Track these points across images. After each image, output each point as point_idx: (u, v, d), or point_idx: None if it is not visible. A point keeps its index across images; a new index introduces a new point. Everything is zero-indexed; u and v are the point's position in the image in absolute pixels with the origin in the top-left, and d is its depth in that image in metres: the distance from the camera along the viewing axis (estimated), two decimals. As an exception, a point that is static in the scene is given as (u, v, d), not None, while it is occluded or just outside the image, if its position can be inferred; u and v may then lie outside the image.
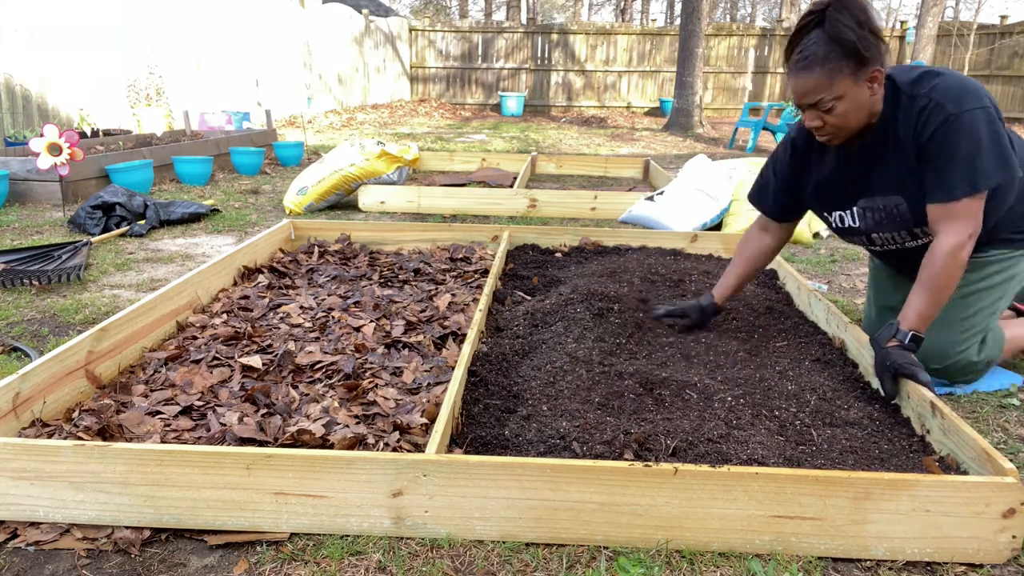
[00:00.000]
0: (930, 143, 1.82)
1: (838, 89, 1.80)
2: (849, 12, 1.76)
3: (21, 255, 3.28)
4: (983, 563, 1.39)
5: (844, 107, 1.83)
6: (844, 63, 1.77)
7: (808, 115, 1.89)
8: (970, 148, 1.77)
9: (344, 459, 1.40)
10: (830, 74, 1.78)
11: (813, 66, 1.78)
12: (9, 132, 6.30)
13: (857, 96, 1.82)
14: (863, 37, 1.75)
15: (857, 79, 1.80)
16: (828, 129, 1.89)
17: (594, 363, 2.06)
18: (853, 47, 1.75)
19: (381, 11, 19.09)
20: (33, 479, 1.43)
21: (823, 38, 1.77)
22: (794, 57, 1.83)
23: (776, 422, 1.79)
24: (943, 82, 1.83)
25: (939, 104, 1.80)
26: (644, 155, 8.85)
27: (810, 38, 1.80)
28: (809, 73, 1.80)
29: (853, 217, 2.08)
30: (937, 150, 1.81)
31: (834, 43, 1.76)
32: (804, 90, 1.83)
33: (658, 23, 27.48)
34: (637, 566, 1.35)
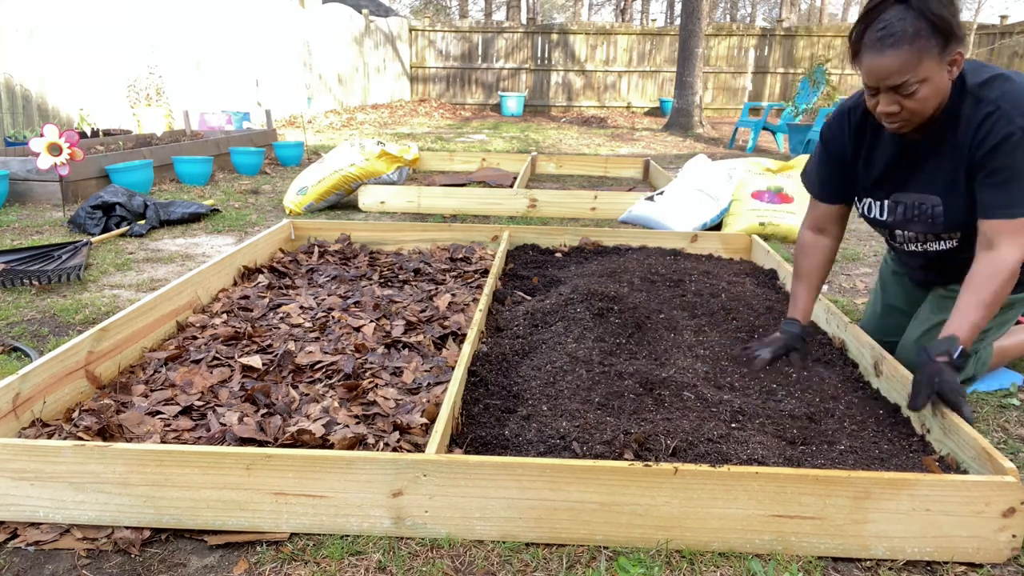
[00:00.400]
0: (992, 155, 1.72)
1: (924, 70, 1.66)
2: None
3: (21, 255, 3.28)
4: (983, 562, 1.39)
5: (926, 91, 1.69)
6: (933, 41, 1.63)
7: (884, 99, 1.73)
8: None
9: (344, 459, 1.40)
10: (919, 53, 1.63)
11: (901, 43, 1.62)
12: (9, 132, 6.30)
13: (939, 80, 1.69)
14: (955, 14, 1.63)
15: (942, 60, 1.67)
16: (904, 115, 1.74)
17: (594, 363, 2.06)
18: (945, 24, 1.61)
19: (381, 11, 19.09)
20: (33, 479, 1.43)
21: (910, 13, 1.62)
22: (874, 34, 1.66)
23: (776, 422, 1.79)
24: (1014, 90, 1.73)
25: (1007, 115, 1.70)
26: (644, 155, 8.85)
27: (893, 13, 1.64)
28: (896, 51, 1.63)
29: (882, 209, 2.00)
30: (1001, 163, 1.71)
31: (925, 19, 1.61)
32: (888, 70, 1.66)
33: (658, 23, 27.48)
34: (637, 566, 1.35)
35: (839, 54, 15.07)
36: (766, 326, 2.42)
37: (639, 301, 2.53)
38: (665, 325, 2.39)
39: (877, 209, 2.01)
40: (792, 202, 4.17)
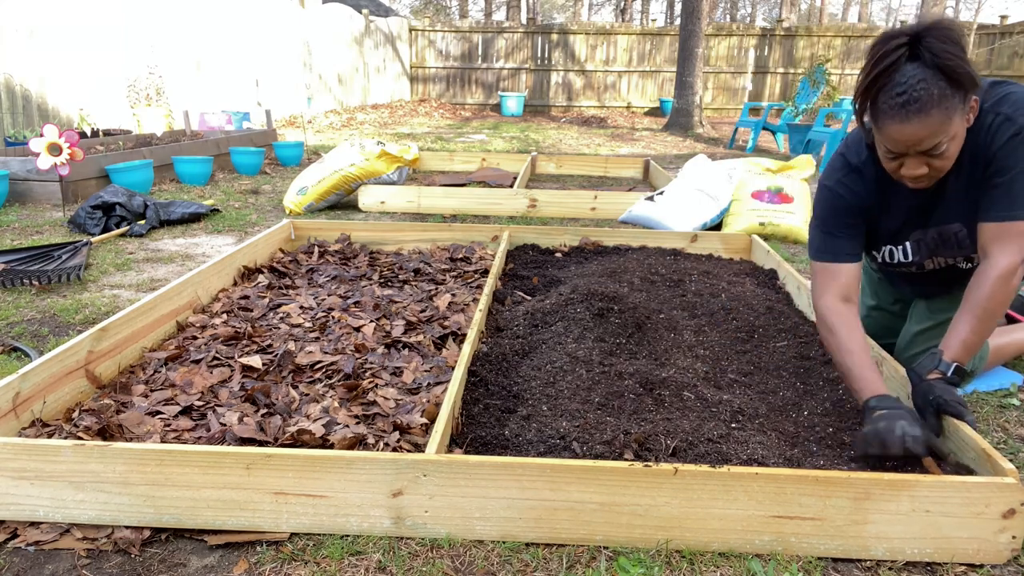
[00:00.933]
0: (998, 156, 1.65)
1: (953, 129, 1.56)
2: (950, 39, 1.51)
3: (21, 255, 3.28)
4: (983, 563, 1.39)
5: (955, 147, 1.60)
6: (957, 98, 1.53)
7: (913, 163, 1.62)
8: None
9: (344, 459, 1.40)
10: (948, 114, 1.53)
11: (929, 108, 1.51)
12: (9, 132, 6.30)
13: (962, 133, 1.61)
14: (967, 59, 1.52)
15: (963, 114, 1.58)
16: (931, 175, 1.65)
17: (594, 363, 2.06)
18: (968, 78, 1.52)
19: (381, 11, 19.09)
20: (33, 479, 1.43)
21: (929, 72, 1.50)
22: (893, 99, 1.53)
23: (776, 422, 1.79)
24: (1013, 92, 1.67)
25: (1009, 116, 1.64)
26: (644, 155, 8.85)
27: (909, 74, 1.52)
28: (924, 116, 1.52)
29: (905, 251, 1.92)
30: (1004, 165, 1.64)
31: (942, 76, 1.50)
32: (918, 137, 1.55)
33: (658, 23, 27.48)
34: (637, 566, 1.35)
35: (839, 54, 15.08)
36: (766, 326, 2.42)
37: (639, 301, 2.53)
38: (665, 325, 2.39)
39: (900, 253, 1.94)
40: (792, 202, 4.17)
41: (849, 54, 15.11)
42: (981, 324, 1.65)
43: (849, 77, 15.11)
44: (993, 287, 1.63)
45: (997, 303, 1.64)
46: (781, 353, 2.23)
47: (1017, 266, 1.63)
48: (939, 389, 1.64)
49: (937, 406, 1.64)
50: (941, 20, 1.55)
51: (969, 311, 1.67)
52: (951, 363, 1.66)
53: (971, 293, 1.68)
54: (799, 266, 3.60)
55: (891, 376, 1.95)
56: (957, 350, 1.67)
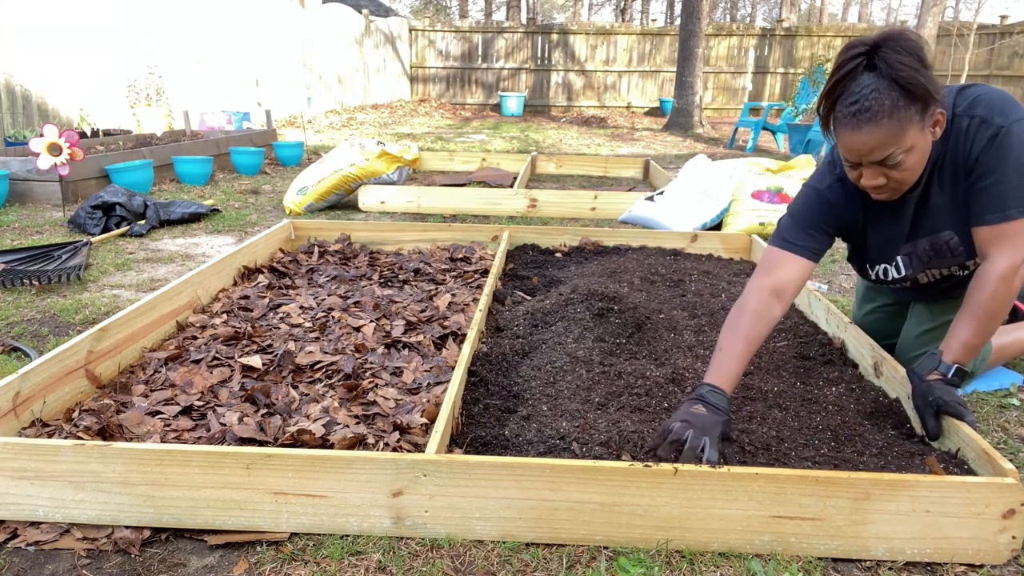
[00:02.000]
0: (980, 159, 1.63)
1: (908, 140, 1.55)
2: (907, 50, 1.50)
3: (21, 255, 3.28)
4: (983, 563, 1.39)
5: (913, 159, 1.59)
6: (913, 109, 1.52)
7: (869, 172, 1.63)
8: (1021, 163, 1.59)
9: (344, 459, 1.40)
10: (900, 125, 1.53)
11: (880, 117, 1.51)
12: (9, 132, 6.30)
13: (924, 145, 1.60)
14: (930, 78, 1.52)
15: (923, 126, 1.57)
16: (891, 186, 1.65)
17: (594, 363, 2.06)
18: (923, 90, 1.51)
19: (381, 11, 19.09)
20: (33, 479, 1.43)
21: (883, 83, 1.51)
22: (847, 108, 1.55)
23: (775, 422, 1.79)
24: (982, 94, 1.66)
25: (984, 119, 1.63)
26: (644, 155, 8.85)
27: (863, 83, 1.52)
28: (875, 126, 1.52)
29: (898, 267, 1.90)
30: (988, 167, 1.63)
31: (899, 87, 1.50)
32: (869, 146, 1.56)
33: (658, 23, 27.48)
34: (637, 566, 1.35)
35: (839, 54, 15.05)
36: (766, 326, 2.41)
37: (639, 301, 2.53)
38: (665, 325, 2.39)
39: (894, 270, 1.91)
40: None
41: (849, 54, 15.07)
42: (982, 326, 1.64)
43: (849, 77, 15.07)
44: (995, 288, 1.62)
45: (999, 304, 1.62)
46: (781, 353, 2.23)
47: (1018, 266, 1.61)
48: (939, 390, 1.64)
49: (937, 407, 1.64)
50: (902, 31, 1.55)
51: (970, 313, 1.65)
52: (951, 364, 1.66)
53: (972, 294, 1.66)
54: (799, 266, 3.59)
55: (891, 376, 1.95)
56: (958, 352, 1.66)
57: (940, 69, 14.00)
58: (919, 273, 1.89)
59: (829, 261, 3.72)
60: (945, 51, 13.94)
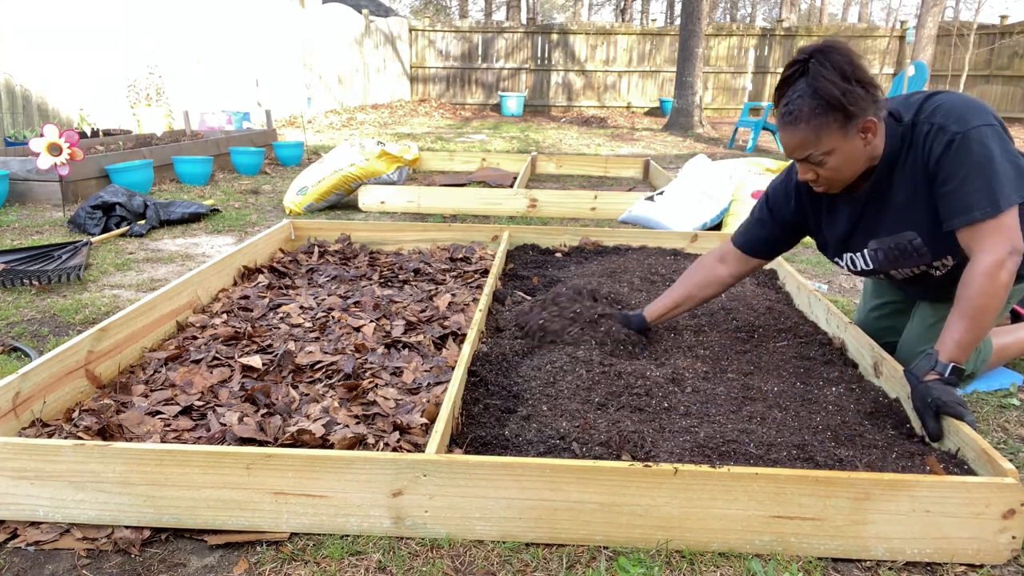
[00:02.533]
0: (939, 166, 1.72)
1: (826, 144, 1.72)
2: (832, 65, 1.66)
3: (21, 255, 3.28)
4: (983, 563, 1.39)
5: (836, 161, 1.75)
6: (831, 118, 1.68)
7: (801, 168, 1.82)
8: (984, 166, 1.66)
9: (344, 459, 1.40)
10: (816, 130, 1.70)
11: (798, 122, 1.70)
12: (9, 132, 6.30)
13: (849, 149, 1.74)
14: (848, 91, 1.65)
15: (847, 132, 1.71)
16: (822, 182, 1.82)
17: (594, 363, 2.06)
18: (838, 102, 1.66)
19: (381, 11, 19.09)
20: (33, 479, 1.43)
21: (808, 91, 1.68)
22: (780, 110, 1.74)
23: (775, 422, 1.79)
24: (944, 102, 1.75)
25: (942, 126, 1.71)
26: (644, 155, 8.85)
27: (795, 90, 1.71)
28: (794, 128, 1.72)
29: (865, 259, 1.99)
30: (949, 173, 1.70)
31: (819, 97, 1.67)
32: (791, 146, 1.76)
33: (658, 23, 27.48)
34: (637, 566, 1.35)
35: (839, 54, 15.05)
36: (766, 326, 2.42)
37: (639, 301, 2.53)
38: (665, 325, 2.39)
39: (860, 261, 2.00)
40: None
41: (849, 54, 15.07)
42: (973, 322, 1.67)
43: (849, 77, 15.07)
44: (981, 284, 1.66)
45: (987, 299, 1.66)
46: (781, 353, 2.23)
47: (1002, 260, 1.65)
48: (937, 390, 1.66)
49: (936, 408, 1.64)
50: (834, 46, 1.68)
51: (960, 311, 1.69)
52: (947, 363, 1.68)
53: (960, 292, 1.71)
54: (799, 266, 3.60)
55: (891, 376, 1.95)
56: (952, 350, 1.69)
57: (940, 69, 14.00)
58: (889, 269, 1.97)
59: (829, 261, 3.72)
60: (945, 51, 13.94)
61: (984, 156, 1.66)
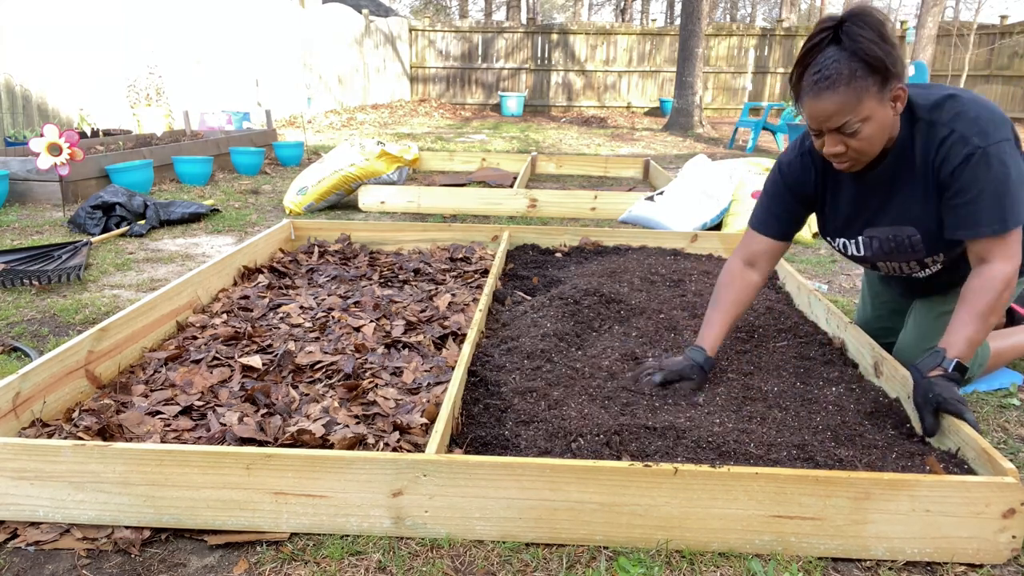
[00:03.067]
0: (954, 177, 1.70)
1: (865, 110, 1.63)
2: (869, 25, 1.60)
3: (21, 255, 3.28)
4: (983, 563, 1.39)
5: (870, 129, 1.66)
6: (871, 80, 1.61)
7: (829, 140, 1.71)
8: (999, 185, 1.65)
9: (344, 459, 1.40)
10: (857, 93, 1.61)
11: (837, 85, 1.60)
12: (9, 132, 6.30)
13: (883, 117, 1.67)
14: (889, 52, 1.60)
15: (883, 98, 1.64)
16: (851, 155, 1.72)
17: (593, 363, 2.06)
18: (881, 63, 1.59)
19: (381, 11, 19.09)
20: (33, 479, 1.43)
21: (844, 55, 1.60)
22: (811, 77, 1.64)
23: (775, 422, 1.79)
24: (966, 110, 1.70)
25: (963, 136, 1.68)
26: (644, 155, 8.85)
27: (827, 55, 1.62)
28: (832, 93, 1.61)
29: (858, 246, 1.96)
30: (963, 186, 1.69)
31: (858, 59, 1.59)
32: (827, 112, 1.64)
33: (658, 23, 27.47)
34: (637, 566, 1.35)
35: (839, 54, 15.05)
36: (766, 326, 2.42)
37: (639, 301, 2.53)
38: (665, 325, 2.39)
39: (853, 247, 1.98)
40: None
41: (849, 54, 15.08)
42: (984, 323, 1.69)
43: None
44: (997, 289, 1.68)
45: (1002, 304, 1.69)
46: (781, 353, 2.23)
47: (1013, 271, 1.69)
48: (940, 387, 1.65)
49: (936, 404, 1.65)
50: (867, 8, 1.63)
51: (974, 310, 1.69)
52: (953, 359, 1.68)
53: (974, 293, 1.70)
54: (799, 266, 3.60)
55: (891, 376, 1.96)
56: (961, 347, 1.68)
57: (940, 69, 14.00)
58: (879, 261, 1.96)
59: (829, 261, 3.72)
60: (945, 51, 13.94)
61: (1002, 174, 1.65)
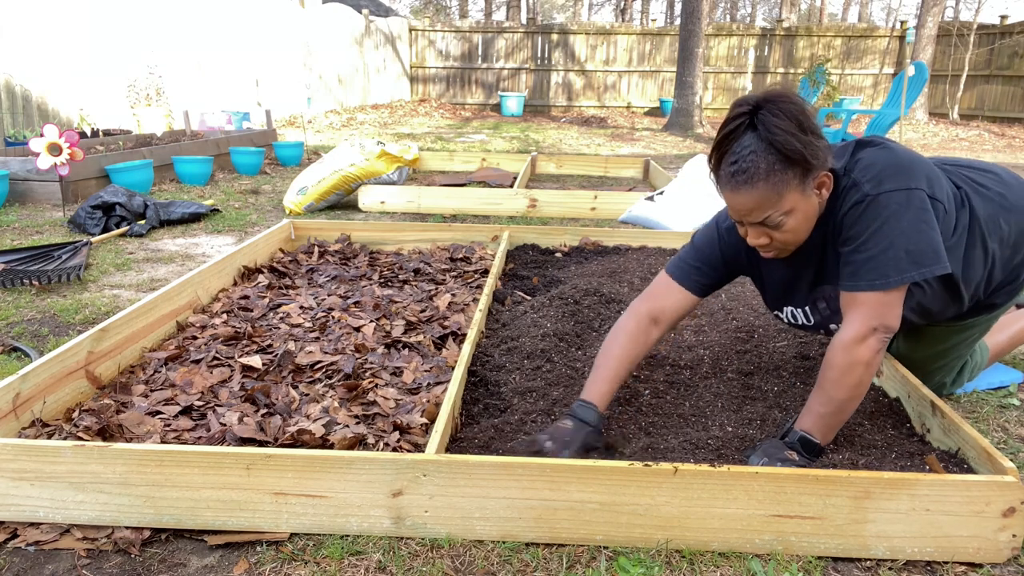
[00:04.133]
0: (843, 223, 1.57)
1: (787, 203, 1.51)
2: (786, 114, 1.47)
3: (21, 255, 3.28)
4: (983, 562, 1.39)
5: (795, 221, 1.54)
6: (790, 173, 1.49)
7: (752, 232, 1.59)
8: (882, 237, 1.51)
9: (344, 459, 1.40)
10: (776, 188, 1.49)
11: (755, 180, 1.48)
12: (9, 132, 6.30)
13: (807, 207, 1.54)
14: (808, 143, 1.47)
15: (805, 188, 1.52)
16: (776, 245, 1.60)
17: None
18: (799, 155, 1.47)
19: (381, 11, 19.09)
20: (33, 480, 1.43)
21: (761, 146, 1.48)
22: (727, 167, 1.52)
23: (775, 422, 1.79)
24: (869, 157, 1.58)
25: (856, 183, 1.55)
26: (644, 155, 8.85)
27: (744, 144, 1.50)
28: (751, 188, 1.49)
29: (806, 315, 1.80)
30: (849, 234, 1.56)
31: (775, 151, 1.47)
32: (747, 207, 1.53)
33: (658, 23, 27.48)
34: (637, 566, 1.35)
35: (839, 54, 15.09)
36: (766, 326, 2.42)
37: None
38: (665, 325, 2.39)
39: (802, 316, 1.82)
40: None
41: (849, 54, 15.11)
42: (826, 395, 1.56)
43: (849, 77, 15.11)
44: (836, 358, 1.54)
45: (841, 373, 1.53)
46: (781, 353, 2.23)
47: (863, 335, 1.51)
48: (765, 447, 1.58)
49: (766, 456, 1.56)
50: (783, 93, 1.50)
51: (818, 382, 1.58)
52: (798, 432, 1.58)
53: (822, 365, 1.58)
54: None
55: (891, 376, 1.96)
56: (805, 421, 1.58)
57: (940, 69, 14.00)
58: (831, 323, 1.78)
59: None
60: (945, 51, 13.94)
61: (888, 224, 1.51)
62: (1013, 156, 9.26)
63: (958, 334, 1.90)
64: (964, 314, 1.82)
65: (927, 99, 13.62)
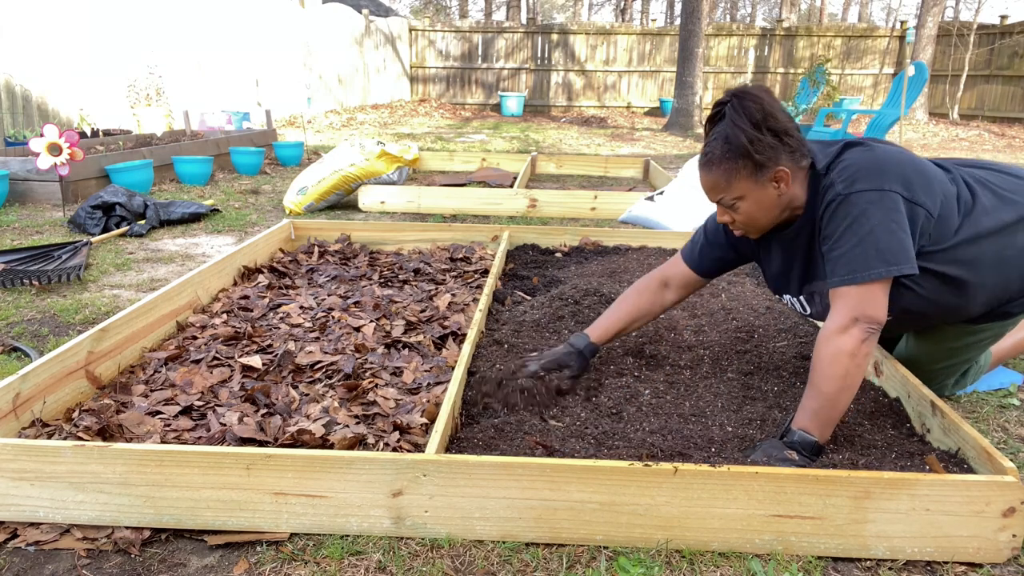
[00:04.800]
0: (821, 222, 1.66)
1: (736, 190, 1.67)
2: (745, 112, 1.62)
3: (21, 255, 3.28)
4: (983, 562, 1.39)
5: (747, 207, 1.69)
6: (740, 164, 1.64)
7: (719, 210, 1.78)
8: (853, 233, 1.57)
9: (344, 459, 1.40)
10: (726, 175, 1.66)
11: (711, 164, 1.67)
12: (9, 132, 6.30)
13: (761, 197, 1.68)
14: (756, 139, 1.61)
15: (758, 180, 1.65)
16: (738, 225, 1.76)
17: (593, 363, 2.06)
18: (744, 150, 1.62)
19: (381, 11, 19.09)
20: (33, 480, 1.43)
21: (722, 136, 1.65)
22: (703, 148, 1.72)
23: (775, 422, 1.79)
24: (850, 158, 1.65)
25: (832, 183, 1.64)
26: (644, 155, 8.85)
27: (715, 132, 1.68)
28: (707, 171, 1.69)
29: (803, 304, 1.89)
30: (825, 232, 1.64)
31: (728, 143, 1.64)
32: (705, 187, 1.73)
33: (658, 23, 27.47)
34: (637, 566, 1.35)
35: (839, 54, 15.09)
36: (766, 326, 2.42)
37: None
38: (665, 325, 2.39)
39: (799, 305, 1.90)
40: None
41: (849, 54, 15.11)
42: (815, 389, 1.58)
43: (849, 77, 15.11)
44: (819, 351, 1.58)
45: (826, 365, 1.56)
46: (781, 353, 2.23)
47: (844, 326, 1.55)
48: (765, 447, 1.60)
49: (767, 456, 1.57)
50: (750, 92, 1.64)
51: (808, 378, 1.61)
52: (796, 431, 1.59)
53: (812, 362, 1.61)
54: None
55: (891, 376, 1.96)
56: (800, 418, 1.60)
57: (940, 69, 14.00)
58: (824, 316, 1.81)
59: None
60: (945, 51, 13.94)
61: (857, 223, 1.57)
62: (1013, 156, 9.26)
63: (970, 336, 1.90)
64: (977, 319, 1.83)
65: (927, 99, 13.63)
